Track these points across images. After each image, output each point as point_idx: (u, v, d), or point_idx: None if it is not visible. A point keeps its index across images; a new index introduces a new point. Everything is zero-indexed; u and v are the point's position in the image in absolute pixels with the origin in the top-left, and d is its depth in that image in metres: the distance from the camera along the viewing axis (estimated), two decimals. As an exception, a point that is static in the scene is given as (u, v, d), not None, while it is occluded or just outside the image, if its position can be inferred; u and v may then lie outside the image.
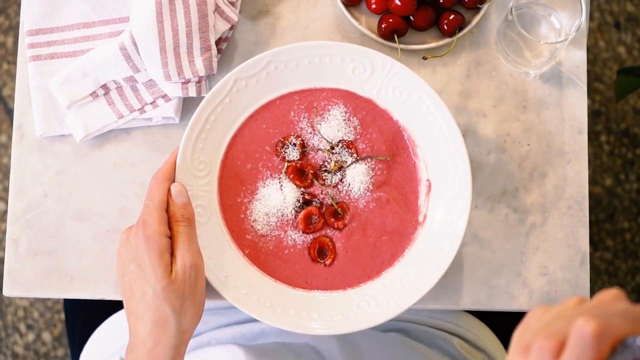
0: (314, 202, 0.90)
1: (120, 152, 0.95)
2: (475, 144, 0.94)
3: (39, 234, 0.94)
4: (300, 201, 0.90)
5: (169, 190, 0.85)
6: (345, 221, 0.90)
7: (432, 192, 0.89)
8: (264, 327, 0.99)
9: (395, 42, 0.93)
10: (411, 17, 0.93)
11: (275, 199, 0.89)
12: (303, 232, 0.90)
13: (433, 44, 0.94)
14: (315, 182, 0.90)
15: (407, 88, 0.89)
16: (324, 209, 0.90)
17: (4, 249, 1.75)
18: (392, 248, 0.89)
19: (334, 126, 0.90)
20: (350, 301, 0.88)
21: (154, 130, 0.95)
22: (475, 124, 0.95)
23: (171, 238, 0.83)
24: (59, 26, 0.94)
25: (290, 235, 0.90)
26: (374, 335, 1.00)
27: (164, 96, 0.93)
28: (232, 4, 0.94)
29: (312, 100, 0.91)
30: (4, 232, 1.78)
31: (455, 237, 0.86)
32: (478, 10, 0.94)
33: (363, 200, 0.90)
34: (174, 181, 0.86)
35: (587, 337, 0.48)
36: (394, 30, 0.93)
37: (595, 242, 1.81)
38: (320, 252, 0.90)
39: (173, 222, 0.84)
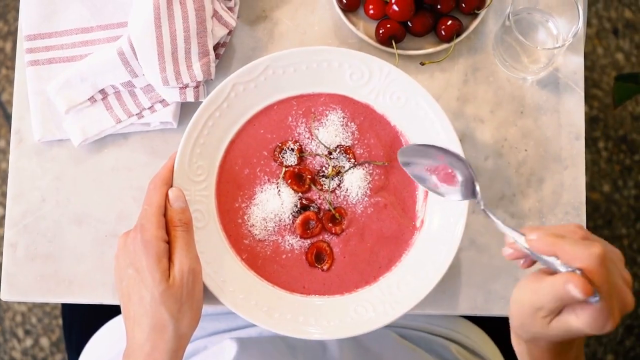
0: (311, 207, 0.90)
1: (118, 156, 0.95)
2: (472, 149, 0.95)
3: (37, 238, 0.94)
4: (298, 206, 0.90)
5: (166, 195, 0.85)
6: (343, 226, 0.90)
7: (429, 197, 0.89)
8: (262, 332, 0.99)
9: (393, 47, 0.93)
10: (409, 23, 0.93)
11: (273, 204, 0.89)
12: (301, 237, 0.90)
13: (431, 50, 0.94)
14: (313, 187, 0.90)
15: (404, 93, 0.89)
16: (321, 214, 0.90)
17: (1, 254, 1.75)
18: (390, 253, 0.89)
19: (331, 131, 0.90)
20: (348, 306, 0.88)
21: (152, 135, 0.95)
22: (472, 130, 0.95)
23: (169, 243, 0.83)
24: (58, 31, 0.94)
25: (288, 240, 0.90)
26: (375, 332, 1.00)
27: (162, 101, 0.93)
28: (230, 9, 0.94)
29: (310, 106, 0.91)
30: (2, 237, 1.78)
31: (452, 242, 0.86)
32: (475, 16, 0.95)
33: (361, 206, 0.90)
34: (171, 186, 0.87)
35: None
36: (392, 35, 0.93)
37: (593, 248, 1.81)
38: (318, 257, 0.90)
39: (171, 227, 0.84)
